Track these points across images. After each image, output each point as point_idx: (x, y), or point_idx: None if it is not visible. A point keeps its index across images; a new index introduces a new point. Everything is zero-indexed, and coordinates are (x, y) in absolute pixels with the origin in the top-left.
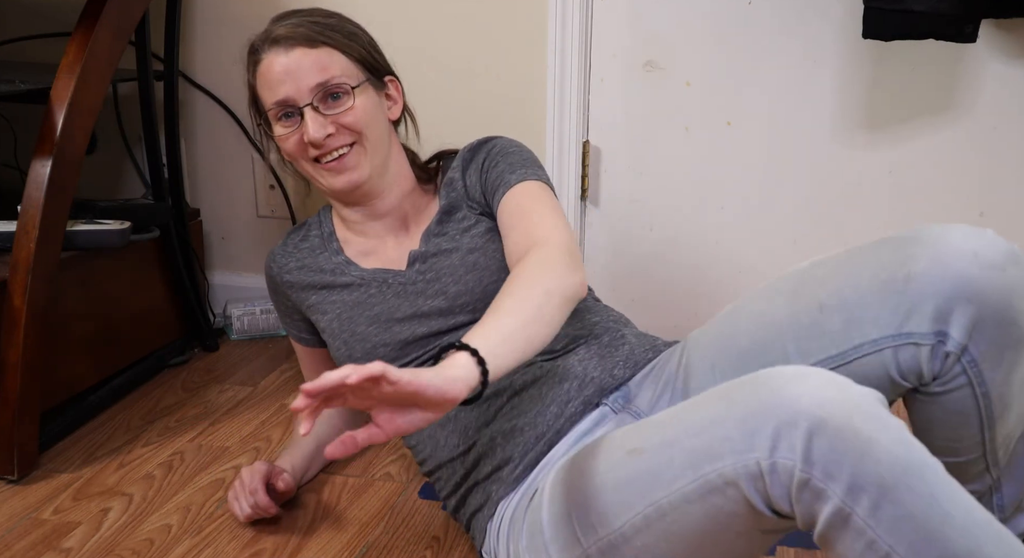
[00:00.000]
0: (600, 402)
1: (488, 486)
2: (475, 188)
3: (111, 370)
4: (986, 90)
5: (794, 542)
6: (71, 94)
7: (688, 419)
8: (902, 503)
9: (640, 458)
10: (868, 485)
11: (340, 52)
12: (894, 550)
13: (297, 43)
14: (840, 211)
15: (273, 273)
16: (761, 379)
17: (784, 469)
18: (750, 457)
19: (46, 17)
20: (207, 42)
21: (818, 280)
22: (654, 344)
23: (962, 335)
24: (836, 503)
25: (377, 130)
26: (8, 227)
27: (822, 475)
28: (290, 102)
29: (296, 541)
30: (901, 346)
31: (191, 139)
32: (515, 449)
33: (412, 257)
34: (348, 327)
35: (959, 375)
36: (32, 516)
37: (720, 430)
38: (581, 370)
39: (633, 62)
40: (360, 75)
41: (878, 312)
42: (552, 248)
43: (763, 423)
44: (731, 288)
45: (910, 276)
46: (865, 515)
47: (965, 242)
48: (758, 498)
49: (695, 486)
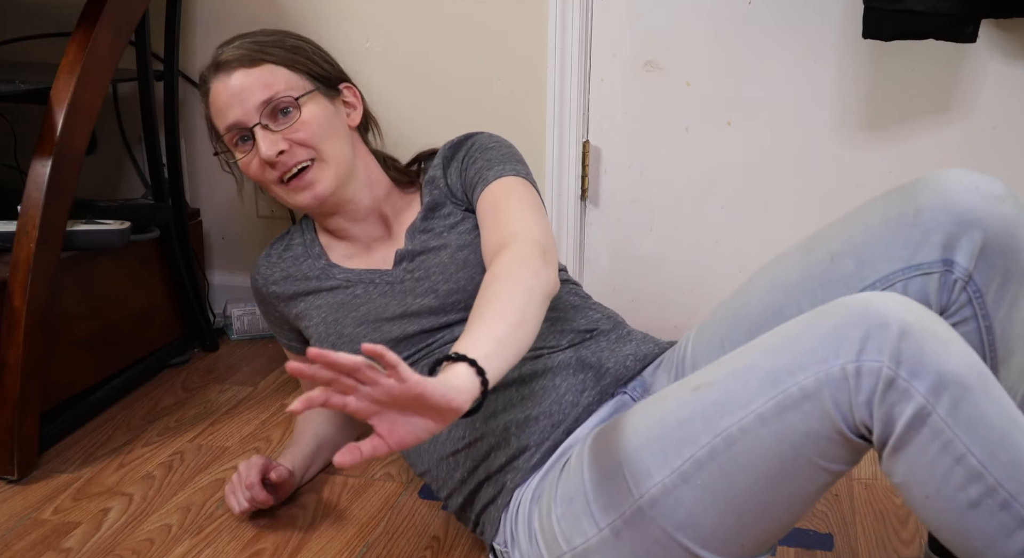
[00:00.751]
0: (616, 392)
1: (502, 477)
2: (457, 185)
3: (111, 370)
4: (986, 90)
5: (794, 542)
6: (71, 94)
7: (764, 345)
8: (979, 405)
9: (708, 390)
10: (951, 383)
11: (283, 67)
12: (970, 451)
13: (239, 65)
14: (840, 211)
15: (259, 285)
16: (844, 301)
17: (870, 371)
18: (835, 364)
19: (46, 17)
20: (207, 42)
21: (828, 235)
22: (657, 341)
23: (968, 261)
24: (919, 401)
25: (335, 141)
26: (8, 227)
27: (908, 374)
28: (240, 124)
29: (296, 541)
30: (911, 278)
31: (191, 139)
32: (531, 437)
33: (399, 256)
34: (335, 329)
35: (965, 305)
36: (32, 516)
37: (803, 344)
38: (596, 361)
39: (633, 62)
40: (307, 85)
41: (889, 248)
42: (525, 244)
43: (851, 330)
44: (731, 288)
45: (919, 209)
46: (945, 414)
47: (967, 177)
48: (838, 410)
49: (772, 403)
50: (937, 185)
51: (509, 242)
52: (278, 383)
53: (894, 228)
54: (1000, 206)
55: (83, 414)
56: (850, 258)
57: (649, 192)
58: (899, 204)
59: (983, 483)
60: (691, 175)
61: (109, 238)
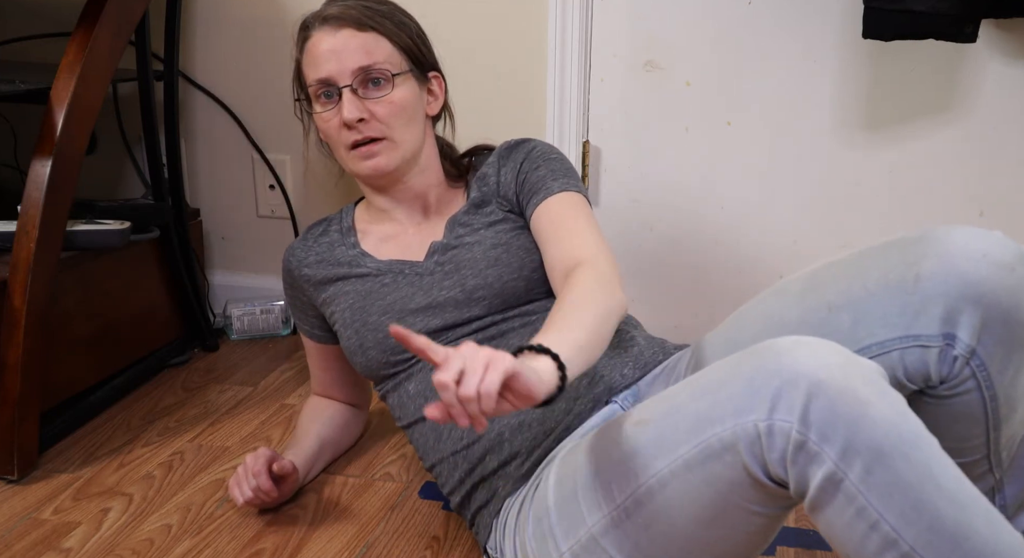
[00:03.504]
0: (609, 400)
1: (494, 481)
2: (509, 186)
3: (111, 370)
4: (986, 90)
5: (794, 542)
6: (71, 94)
7: (694, 385)
8: (895, 470)
9: (646, 428)
10: (862, 449)
11: (387, 39)
12: (883, 518)
13: (346, 24)
14: (840, 211)
15: (292, 267)
16: (765, 345)
17: (781, 431)
18: (748, 419)
19: (46, 17)
20: (207, 42)
21: (827, 281)
22: (663, 346)
23: (970, 337)
24: (829, 467)
25: (411, 126)
26: (8, 227)
27: (818, 437)
28: (331, 81)
29: (296, 541)
30: (908, 348)
31: (191, 139)
32: (523, 444)
33: (432, 248)
34: (360, 317)
35: (968, 379)
36: (32, 516)
37: (723, 392)
38: (591, 368)
39: (633, 62)
40: (404, 64)
41: (886, 312)
42: (603, 267)
43: (764, 384)
44: (731, 288)
45: (919, 276)
46: (857, 480)
47: (974, 242)
48: (755, 463)
49: (696, 452)
50: (940, 250)
51: (585, 261)
52: (278, 383)
53: (893, 292)
54: (1008, 278)
55: (83, 414)
56: (847, 313)
57: (649, 192)
58: (901, 266)
59: (898, 550)
60: (691, 175)
61: (109, 238)
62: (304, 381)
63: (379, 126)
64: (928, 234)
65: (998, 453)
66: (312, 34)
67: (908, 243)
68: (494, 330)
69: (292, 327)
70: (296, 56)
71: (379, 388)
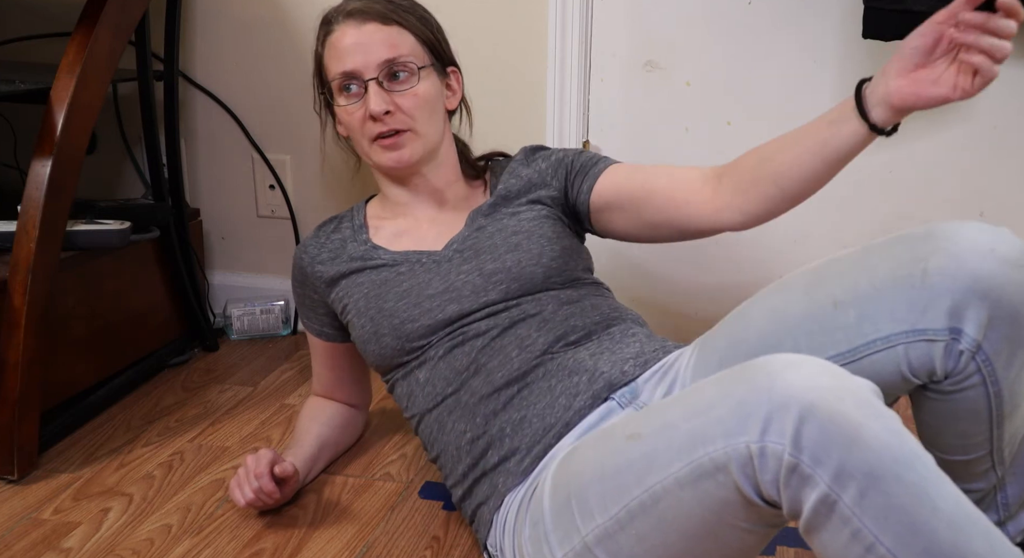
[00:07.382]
0: (608, 397)
1: (495, 477)
2: (547, 172)
3: (111, 370)
4: (986, 90)
5: (794, 542)
6: (71, 94)
7: (686, 403)
8: (890, 493)
9: (638, 443)
10: (856, 472)
11: (411, 33)
12: (879, 541)
13: (371, 18)
14: (840, 211)
15: (304, 264)
16: (758, 365)
17: (773, 454)
18: (740, 441)
19: (46, 17)
20: (207, 42)
21: (833, 276)
22: (663, 344)
23: (977, 332)
24: (823, 490)
25: (433, 119)
26: (8, 227)
27: (810, 460)
28: (356, 74)
29: (296, 541)
30: (913, 342)
31: (191, 139)
32: (523, 440)
33: (452, 240)
34: (376, 304)
35: (973, 374)
36: (32, 516)
37: (714, 413)
38: (592, 364)
39: (633, 62)
40: (426, 58)
41: (893, 307)
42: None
43: (756, 407)
44: (731, 288)
45: (927, 271)
46: (851, 503)
47: (982, 238)
48: (748, 484)
49: (688, 470)
50: (948, 246)
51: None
52: (278, 383)
53: (901, 287)
54: (1016, 274)
55: (83, 414)
56: (853, 309)
57: None
58: (908, 262)
59: None
60: None
61: (109, 238)
62: (304, 381)
63: (404, 118)
64: (936, 230)
65: (1001, 450)
66: (335, 28)
67: (915, 239)
68: (506, 318)
69: (292, 327)
70: (317, 50)
71: (387, 378)
